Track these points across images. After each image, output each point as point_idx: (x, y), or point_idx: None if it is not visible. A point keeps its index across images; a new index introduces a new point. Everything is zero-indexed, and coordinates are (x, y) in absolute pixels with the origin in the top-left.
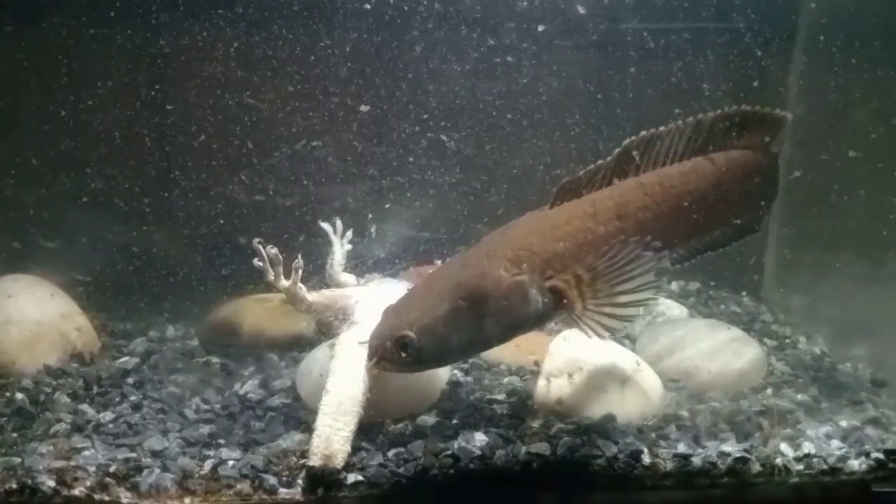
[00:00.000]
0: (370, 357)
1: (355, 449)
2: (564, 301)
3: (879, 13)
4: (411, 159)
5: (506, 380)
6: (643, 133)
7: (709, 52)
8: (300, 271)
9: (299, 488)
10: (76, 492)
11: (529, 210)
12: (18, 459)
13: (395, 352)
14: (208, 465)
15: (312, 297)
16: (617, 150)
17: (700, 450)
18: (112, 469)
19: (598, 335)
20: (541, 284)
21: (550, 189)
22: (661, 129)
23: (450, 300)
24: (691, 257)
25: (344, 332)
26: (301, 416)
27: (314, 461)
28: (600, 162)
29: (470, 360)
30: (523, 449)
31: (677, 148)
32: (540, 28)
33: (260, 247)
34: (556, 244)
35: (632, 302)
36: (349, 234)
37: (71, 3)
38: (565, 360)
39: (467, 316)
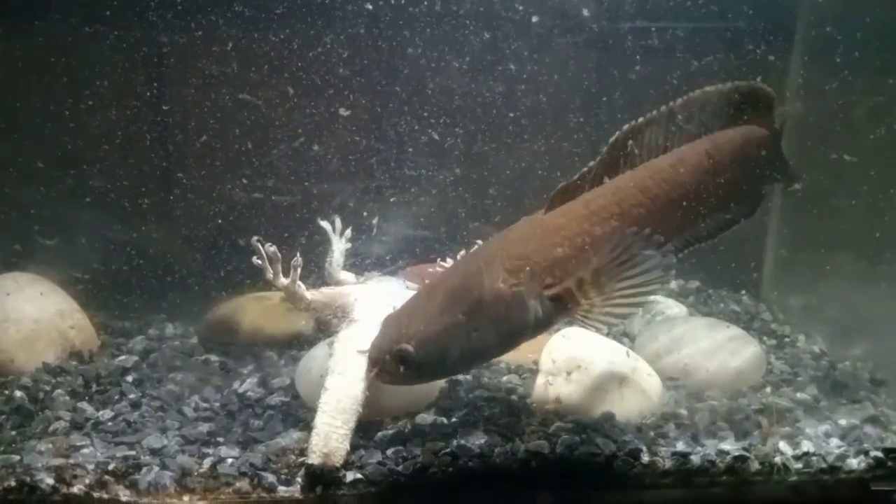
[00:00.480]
0: (369, 369)
1: (354, 447)
2: (567, 306)
3: (879, 10)
4: (411, 157)
5: (505, 378)
6: (625, 127)
7: (708, 51)
8: (299, 269)
9: (298, 486)
10: (75, 489)
11: (526, 213)
12: (17, 457)
13: (394, 365)
14: (207, 463)
15: (311, 295)
16: (605, 148)
17: (699, 448)
18: (111, 467)
19: (610, 325)
20: (540, 293)
21: (550, 187)
22: (641, 119)
23: (449, 314)
24: (692, 245)
25: (343, 330)
26: (300, 414)
27: (313, 459)
28: (591, 163)
29: None
30: (522, 447)
31: (664, 137)
32: (539, 26)
33: (259, 245)
34: (554, 250)
35: (637, 292)
36: (348, 232)
37: (67, 2)
38: (564, 358)
39: (466, 330)
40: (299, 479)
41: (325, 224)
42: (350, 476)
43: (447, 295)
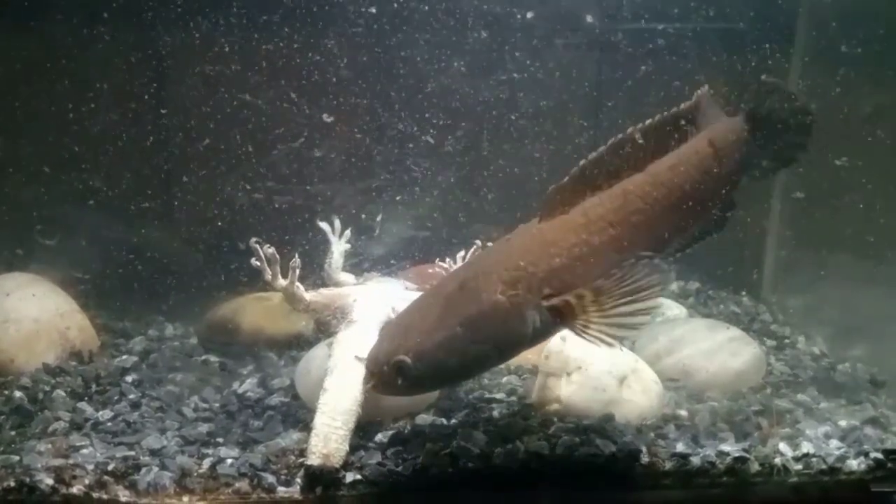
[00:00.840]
0: (366, 380)
1: (353, 448)
2: (565, 317)
3: (880, 10)
4: (411, 158)
5: (504, 379)
6: (630, 129)
7: (709, 53)
8: (297, 270)
9: (298, 487)
10: (74, 490)
11: (526, 213)
12: (17, 457)
13: (391, 376)
14: (207, 463)
15: (310, 296)
16: (603, 149)
17: (699, 449)
18: (110, 467)
19: (606, 344)
20: (538, 304)
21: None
22: (640, 126)
23: (446, 327)
24: (695, 242)
25: (342, 330)
26: (299, 414)
27: (312, 460)
28: (583, 163)
29: None
30: (522, 448)
31: (663, 143)
32: (541, 28)
33: (257, 247)
34: (551, 261)
35: (637, 310)
36: (348, 233)
37: (67, 2)
38: (564, 359)
39: (464, 342)
40: (299, 480)
41: (324, 225)
42: (350, 477)
43: (445, 305)
